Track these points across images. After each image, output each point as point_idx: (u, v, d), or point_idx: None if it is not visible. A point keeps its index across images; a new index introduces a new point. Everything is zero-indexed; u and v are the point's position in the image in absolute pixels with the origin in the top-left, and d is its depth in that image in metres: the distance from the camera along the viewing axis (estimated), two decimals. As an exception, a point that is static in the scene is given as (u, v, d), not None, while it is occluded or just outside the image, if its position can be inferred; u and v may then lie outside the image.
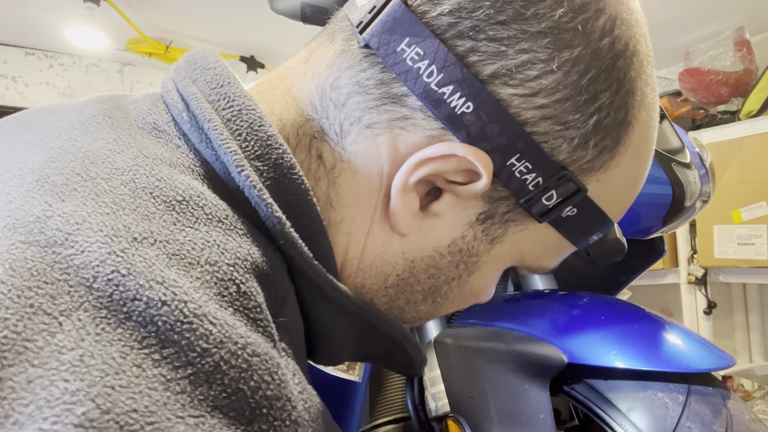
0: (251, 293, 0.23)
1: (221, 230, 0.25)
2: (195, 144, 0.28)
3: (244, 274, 0.24)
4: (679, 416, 0.54)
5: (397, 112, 0.29)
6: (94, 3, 1.92)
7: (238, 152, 0.27)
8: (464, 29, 0.27)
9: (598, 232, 0.33)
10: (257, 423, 0.20)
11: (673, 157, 0.67)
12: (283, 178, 0.28)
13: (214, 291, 0.22)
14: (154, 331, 0.20)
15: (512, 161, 0.29)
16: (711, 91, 1.85)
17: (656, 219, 0.67)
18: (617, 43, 0.28)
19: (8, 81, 2.39)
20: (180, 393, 0.19)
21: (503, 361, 0.62)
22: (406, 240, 0.31)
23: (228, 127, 0.28)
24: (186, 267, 0.22)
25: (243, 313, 0.23)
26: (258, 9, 1.94)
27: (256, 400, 0.20)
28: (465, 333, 0.69)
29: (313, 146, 0.31)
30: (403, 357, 0.34)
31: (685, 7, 1.88)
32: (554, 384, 0.61)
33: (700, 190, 0.70)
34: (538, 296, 0.77)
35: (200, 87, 0.30)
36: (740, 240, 1.62)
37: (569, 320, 0.64)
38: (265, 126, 0.28)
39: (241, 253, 0.24)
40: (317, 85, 0.31)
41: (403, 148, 0.29)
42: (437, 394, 0.70)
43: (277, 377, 0.22)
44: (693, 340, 0.61)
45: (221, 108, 0.29)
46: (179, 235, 0.23)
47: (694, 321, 1.82)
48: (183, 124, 0.29)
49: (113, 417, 0.17)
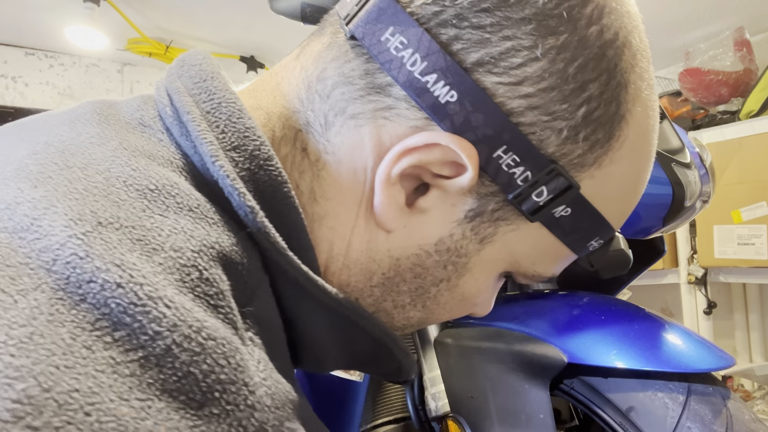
0: (214, 280, 0.23)
1: (191, 218, 0.25)
2: (176, 137, 0.29)
3: (208, 261, 0.24)
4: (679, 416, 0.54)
5: (381, 102, 0.29)
6: (94, 3, 1.92)
7: (214, 143, 0.27)
8: (448, 17, 0.27)
9: (597, 237, 0.32)
10: (208, 407, 0.20)
11: (673, 157, 0.68)
12: (259, 170, 0.28)
13: (175, 276, 0.22)
14: (107, 313, 0.20)
15: (499, 153, 0.28)
16: (711, 91, 1.85)
17: (656, 219, 0.67)
18: (606, 32, 0.28)
19: (8, 81, 2.39)
20: (129, 376, 0.19)
21: (503, 361, 0.62)
22: (391, 237, 0.31)
23: (206, 119, 0.28)
24: (149, 252, 0.22)
25: (203, 299, 0.22)
26: (258, 9, 1.94)
27: (208, 384, 0.20)
28: (465, 333, 0.69)
29: (298, 139, 0.31)
30: (390, 361, 0.34)
31: (685, 7, 1.88)
32: (554, 384, 0.61)
33: (700, 190, 0.70)
34: (538, 296, 0.77)
35: (184, 82, 0.30)
36: (740, 240, 1.62)
37: (569, 320, 0.64)
38: (244, 118, 0.28)
39: (208, 240, 0.24)
40: (304, 78, 0.31)
41: (387, 138, 0.29)
42: (437, 394, 0.70)
43: (233, 361, 0.21)
44: (693, 340, 0.61)
45: (202, 101, 0.29)
46: (147, 221, 0.23)
47: (694, 321, 1.82)
48: (166, 119, 0.29)
49: (53, 396, 0.17)
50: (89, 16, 1.93)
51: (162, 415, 0.19)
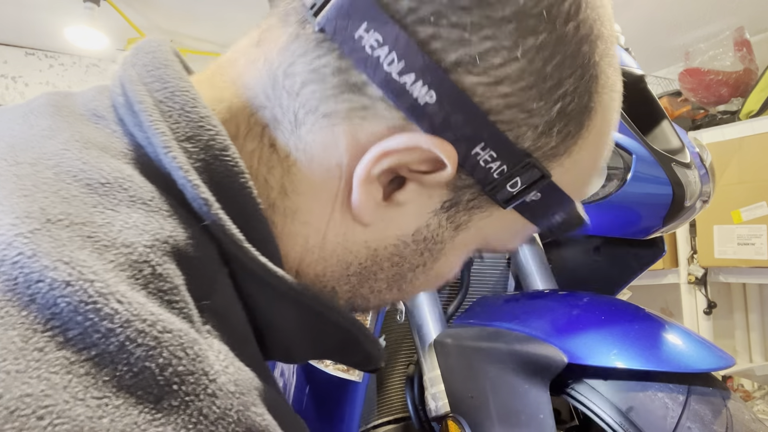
0: (167, 275, 0.23)
1: (144, 212, 0.24)
2: (130, 128, 0.28)
3: (161, 255, 0.23)
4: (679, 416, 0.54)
5: (357, 101, 0.28)
6: (94, 3, 1.92)
7: (167, 133, 0.27)
8: (425, 15, 0.26)
9: (561, 212, 0.33)
10: (167, 399, 0.20)
11: (673, 157, 0.68)
12: (214, 160, 0.27)
13: (127, 273, 0.22)
14: (57, 313, 0.19)
15: (477, 150, 0.28)
16: (711, 91, 1.85)
17: (656, 219, 0.67)
18: (582, 27, 0.28)
19: (8, 81, 2.39)
20: (84, 375, 0.19)
21: (503, 361, 0.62)
22: (368, 229, 0.31)
23: (159, 109, 0.27)
24: (100, 249, 0.22)
25: (157, 295, 0.22)
26: (258, 8, 1.94)
27: (165, 377, 0.20)
28: (465, 333, 0.69)
29: (265, 135, 0.30)
30: (358, 350, 0.34)
31: (685, 7, 1.88)
32: (554, 384, 0.61)
33: (700, 190, 0.70)
34: (538, 296, 0.77)
35: (138, 70, 0.30)
36: (740, 240, 1.62)
37: (569, 320, 0.64)
38: (198, 107, 0.28)
39: (162, 234, 0.24)
40: (269, 71, 0.30)
41: (364, 138, 0.28)
42: (437, 394, 0.70)
43: (191, 352, 0.21)
44: (693, 340, 0.61)
45: (155, 90, 0.28)
46: (98, 217, 0.23)
47: (694, 321, 1.82)
48: (119, 108, 0.29)
49: (4, 402, 0.17)
50: (89, 16, 1.93)
51: (119, 412, 0.19)
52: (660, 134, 0.72)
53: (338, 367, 0.71)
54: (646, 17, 2.00)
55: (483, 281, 0.96)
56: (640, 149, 0.64)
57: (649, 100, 0.74)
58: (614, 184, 0.62)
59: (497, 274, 0.97)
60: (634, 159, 0.63)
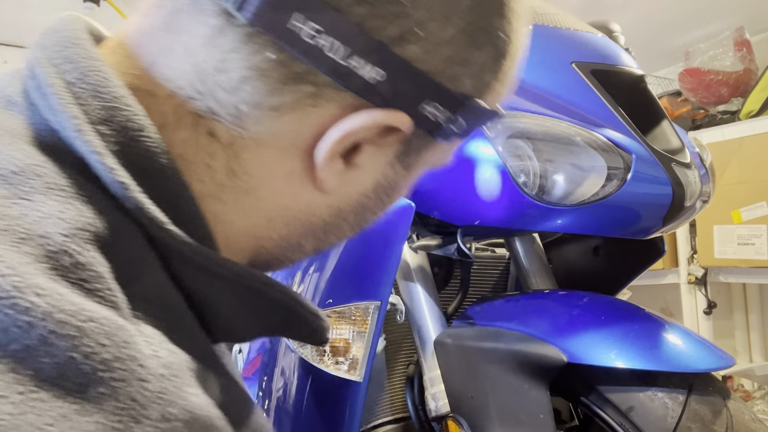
0: (89, 263, 0.22)
1: (61, 199, 0.24)
2: (42, 112, 0.27)
3: (81, 244, 0.23)
4: (679, 416, 0.54)
5: (304, 90, 0.28)
6: (94, 3, 1.92)
7: (79, 116, 0.26)
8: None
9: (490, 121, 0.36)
10: (94, 387, 0.20)
11: (673, 157, 0.68)
12: (132, 142, 0.26)
13: (46, 265, 0.21)
14: None
15: (424, 106, 0.30)
16: (711, 91, 1.85)
17: (656, 219, 0.67)
18: None
19: (8, 81, 2.40)
20: (6, 372, 0.19)
21: (503, 361, 0.62)
22: (331, 195, 0.32)
23: (71, 91, 0.26)
24: (17, 242, 0.21)
25: (78, 284, 0.22)
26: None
27: (90, 365, 0.20)
28: (465, 333, 0.69)
29: (200, 124, 0.29)
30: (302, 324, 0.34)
31: (685, 7, 1.88)
32: (554, 384, 0.61)
33: (700, 190, 0.70)
34: (538, 296, 0.77)
35: (47, 52, 0.29)
36: (740, 240, 1.62)
37: (569, 320, 0.64)
38: (111, 87, 0.27)
39: (81, 222, 0.23)
40: (194, 65, 0.28)
41: (318, 121, 0.29)
42: (437, 394, 0.70)
43: (117, 339, 0.21)
44: (693, 340, 0.61)
45: (65, 71, 0.27)
46: (11, 209, 0.22)
47: (694, 321, 1.82)
48: (31, 93, 0.28)
49: None
50: (89, 16, 1.93)
51: (45, 405, 0.19)
52: (660, 134, 0.72)
53: (338, 367, 0.71)
54: (646, 17, 2.00)
55: (483, 281, 0.96)
56: (640, 149, 0.64)
57: (649, 100, 0.74)
58: (614, 184, 0.62)
59: (497, 274, 0.97)
60: (634, 159, 0.63)
